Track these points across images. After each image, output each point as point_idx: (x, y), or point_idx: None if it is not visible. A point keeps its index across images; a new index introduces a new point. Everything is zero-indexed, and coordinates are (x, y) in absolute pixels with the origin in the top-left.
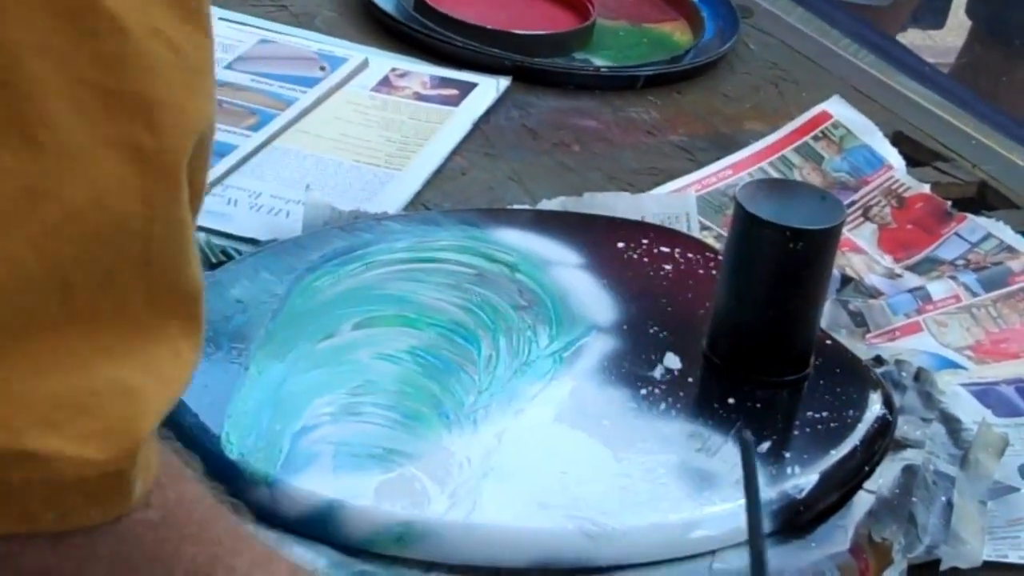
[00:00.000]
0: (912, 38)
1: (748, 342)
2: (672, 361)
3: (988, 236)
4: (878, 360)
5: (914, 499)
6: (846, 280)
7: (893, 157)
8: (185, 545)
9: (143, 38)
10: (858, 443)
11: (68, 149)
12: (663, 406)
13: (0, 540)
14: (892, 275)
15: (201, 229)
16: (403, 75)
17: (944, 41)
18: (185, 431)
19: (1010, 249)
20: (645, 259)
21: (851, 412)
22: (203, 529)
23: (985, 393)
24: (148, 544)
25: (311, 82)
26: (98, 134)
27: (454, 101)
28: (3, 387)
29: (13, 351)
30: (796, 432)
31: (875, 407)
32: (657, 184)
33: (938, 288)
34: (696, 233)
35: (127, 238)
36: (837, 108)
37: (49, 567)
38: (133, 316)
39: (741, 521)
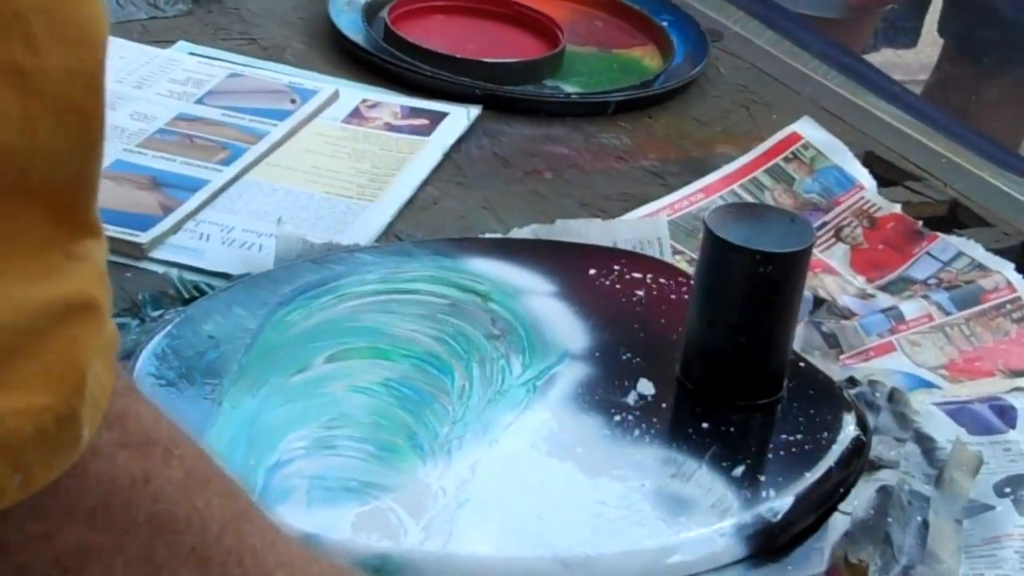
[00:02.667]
0: (885, 56)
1: (721, 366)
2: (645, 387)
3: (960, 255)
4: (851, 381)
5: (890, 519)
6: (819, 302)
7: (864, 177)
8: (168, 462)
9: None
10: (832, 465)
11: None
12: (637, 432)
13: None
14: (865, 295)
15: (173, 264)
16: (374, 106)
17: (918, 58)
18: None
19: (981, 267)
20: (617, 285)
21: (825, 434)
22: (176, 444)
23: (959, 412)
24: (126, 470)
25: (282, 115)
26: None
27: (425, 131)
28: None
29: None
30: (770, 455)
31: (849, 428)
32: (629, 210)
33: (911, 308)
34: (668, 257)
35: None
36: (807, 129)
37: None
38: (39, 240)
39: (717, 546)
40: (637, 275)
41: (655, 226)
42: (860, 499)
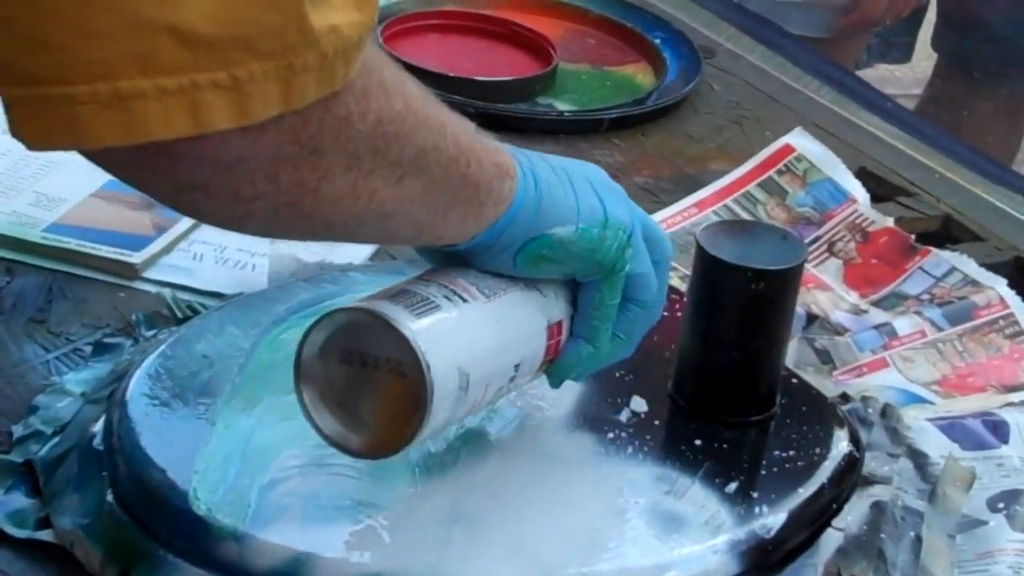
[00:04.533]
0: (879, 72)
1: (714, 383)
2: (638, 404)
3: (952, 270)
4: (844, 397)
5: (883, 535)
6: (812, 318)
7: (857, 190)
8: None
9: None
10: (826, 481)
11: None
12: (630, 449)
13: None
14: (858, 311)
15: (167, 284)
16: None
17: (912, 73)
18: (152, 487)
19: (974, 283)
20: None
21: (818, 450)
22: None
23: (952, 427)
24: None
25: None
26: None
27: None
28: None
29: None
30: (763, 472)
31: (842, 444)
32: None
33: (904, 323)
34: None
35: None
36: (800, 141)
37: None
38: None
39: (710, 563)
40: None
41: None
42: (853, 515)
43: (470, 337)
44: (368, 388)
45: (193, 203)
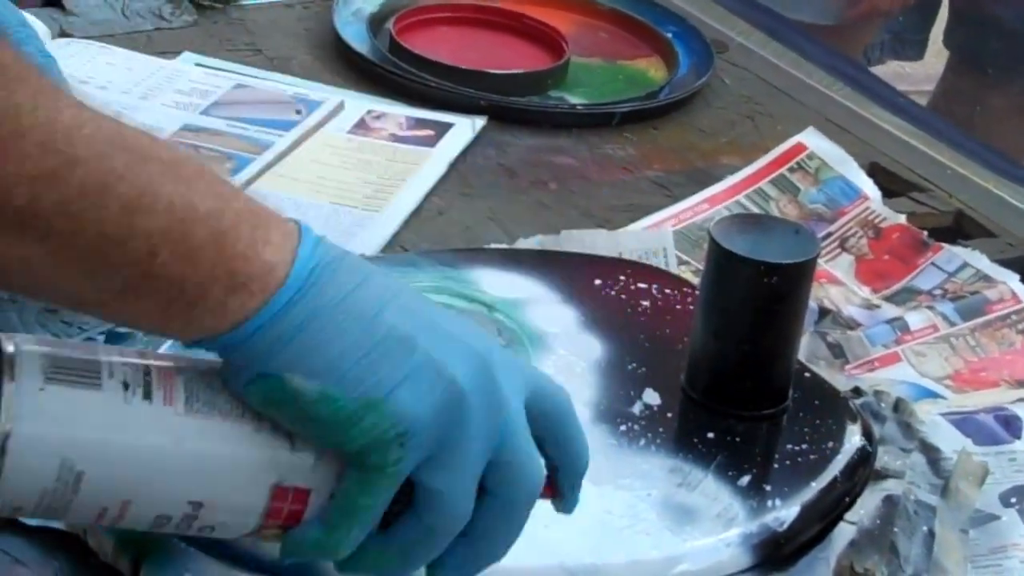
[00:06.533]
0: (891, 68)
1: (726, 377)
2: (651, 397)
3: (965, 265)
4: (857, 391)
5: (895, 529)
6: (824, 312)
7: (869, 187)
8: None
9: None
10: (838, 475)
11: None
12: (643, 442)
13: None
14: (870, 306)
15: None
16: (379, 117)
17: (924, 69)
18: None
19: (987, 278)
20: (623, 295)
21: (830, 444)
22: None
23: (964, 422)
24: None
25: (287, 125)
26: None
27: (430, 142)
28: None
29: None
30: (776, 465)
31: (854, 438)
32: (634, 220)
33: (916, 318)
34: (674, 268)
35: None
36: (812, 140)
37: None
38: None
39: (723, 555)
40: (642, 285)
41: (660, 237)
42: (866, 509)
43: (117, 438)
44: None
45: None
